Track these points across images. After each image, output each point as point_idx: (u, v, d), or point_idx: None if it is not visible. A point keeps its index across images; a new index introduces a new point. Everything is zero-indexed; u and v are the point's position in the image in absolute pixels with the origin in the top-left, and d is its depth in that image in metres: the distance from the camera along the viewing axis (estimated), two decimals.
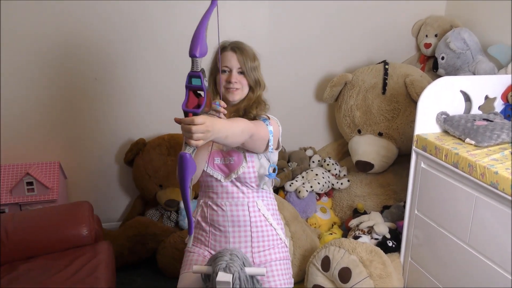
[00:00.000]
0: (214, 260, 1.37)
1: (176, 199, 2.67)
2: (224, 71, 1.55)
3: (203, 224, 1.65)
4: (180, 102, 1.27)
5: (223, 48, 1.57)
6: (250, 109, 1.57)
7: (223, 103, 1.40)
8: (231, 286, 1.31)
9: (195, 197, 2.61)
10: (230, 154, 1.58)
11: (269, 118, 1.57)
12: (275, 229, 1.66)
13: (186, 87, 1.20)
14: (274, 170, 1.60)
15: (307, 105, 3.08)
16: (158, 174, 2.67)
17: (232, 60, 1.55)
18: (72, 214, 2.09)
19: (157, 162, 2.66)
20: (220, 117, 1.36)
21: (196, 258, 1.64)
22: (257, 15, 2.77)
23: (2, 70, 2.47)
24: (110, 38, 2.58)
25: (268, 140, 1.52)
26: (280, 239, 1.67)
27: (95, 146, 2.76)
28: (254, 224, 1.61)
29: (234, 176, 1.57)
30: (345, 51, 3.02)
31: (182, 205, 2.67)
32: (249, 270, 1.35)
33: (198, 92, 1.23)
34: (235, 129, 1.36)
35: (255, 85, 1.59)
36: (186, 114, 1.19)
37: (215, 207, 1.61)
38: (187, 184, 1.24)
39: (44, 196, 2.46)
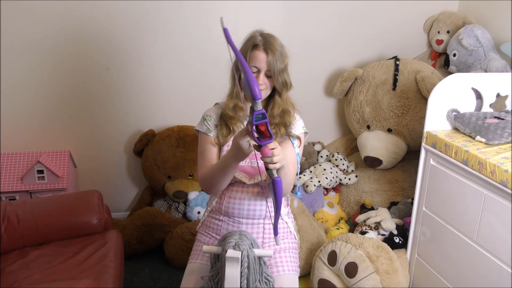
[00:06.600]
0: (223, 240, 1.40)
1: (184, 190, 2.68)
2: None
3: (217, 214, 1.67)
4: (190, 94, 1.28)
5: (254, 46, 1.52)
6: (285, 119, 1.60)
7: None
8: (240, 263, 1.33)
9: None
10: (258, 157, 1.58)
11: (299, 139, 1.63)
12: (286, 222, 1.70)
13: (253, 124, 1.25)
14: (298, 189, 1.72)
15: (316, 99, 3.07)
16: (167, 165, 2.68)
17: (262, 62, 1.51)
18: (82, 202, 2.11)
19: (166, 153, 2.68)
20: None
21: None
22: (270, 10, 2.76)
23: (14, 59, 2.49)
24: (122, 29, 2.59)
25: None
26: (290, 231, 1.71)
27: (105, 136, 2.78)
28: (268, 218, 1.64)
29: (259, 180, 1.58)
30: (356, 46, 3.00)
31: (190, 196, 2.68)
32: (257, 251, 1.38)
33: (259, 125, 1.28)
34: (288, 160, 1.43)
35: (282, 88, 1.56)
36: (260, 146, 1.27)
37: (232, 200, 1.62)
38: (281, 202, 1.35)
39: (54, 185, 2.49)
